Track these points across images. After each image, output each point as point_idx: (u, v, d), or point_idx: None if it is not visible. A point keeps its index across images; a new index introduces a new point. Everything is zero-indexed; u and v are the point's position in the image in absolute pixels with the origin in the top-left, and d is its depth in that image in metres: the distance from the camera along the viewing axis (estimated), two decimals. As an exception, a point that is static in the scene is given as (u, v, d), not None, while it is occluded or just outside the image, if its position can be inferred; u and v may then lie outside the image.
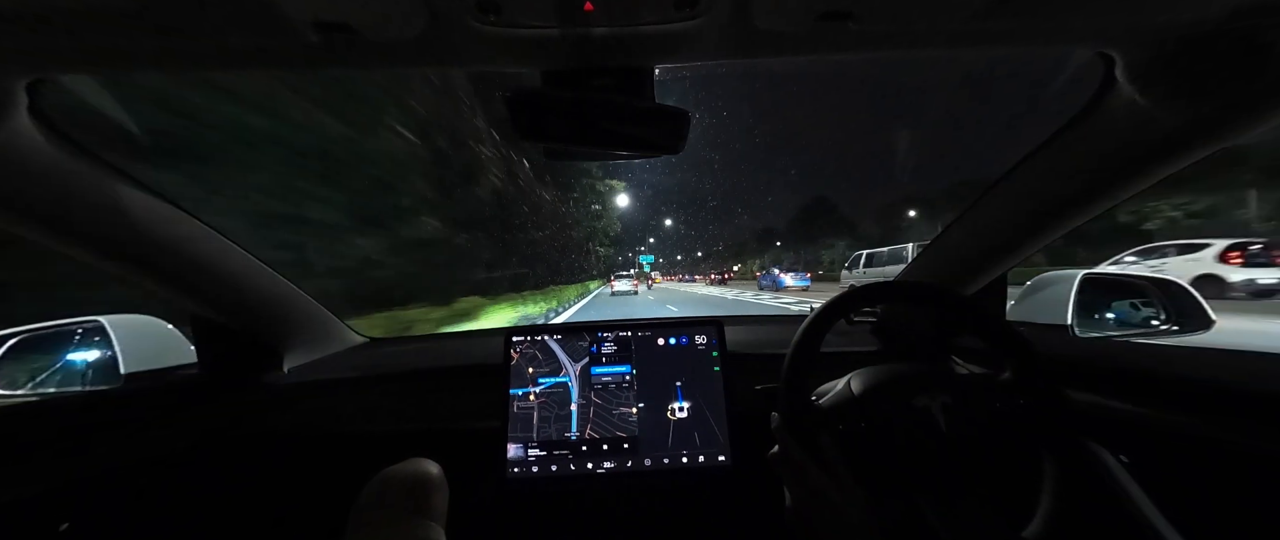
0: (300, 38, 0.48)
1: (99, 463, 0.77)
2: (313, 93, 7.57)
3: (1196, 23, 0.50)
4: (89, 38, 0.48)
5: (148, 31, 0.47)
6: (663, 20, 0.48)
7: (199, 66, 0.55)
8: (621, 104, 0.57)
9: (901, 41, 0.54)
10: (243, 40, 0.49)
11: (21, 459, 0.70)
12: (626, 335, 0.96)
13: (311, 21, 0.46)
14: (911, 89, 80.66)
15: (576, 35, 0.51)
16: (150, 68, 0.55)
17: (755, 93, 76.20)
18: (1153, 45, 0.54)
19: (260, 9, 0.45)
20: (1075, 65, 0.66)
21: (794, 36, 0.52)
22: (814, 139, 75.65)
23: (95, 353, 1.11)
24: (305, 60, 0.55)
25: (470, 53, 0.53)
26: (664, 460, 0.88)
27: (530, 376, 0.93)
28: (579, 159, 0.70)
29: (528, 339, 0.96)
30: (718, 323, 0.97)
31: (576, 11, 0.47)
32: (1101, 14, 0.50)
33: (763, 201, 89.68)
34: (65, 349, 1.14)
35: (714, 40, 0.53)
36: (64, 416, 0.80)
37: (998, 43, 0.54)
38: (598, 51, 0.54)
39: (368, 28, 0.48)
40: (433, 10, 0.46)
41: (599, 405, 0.92)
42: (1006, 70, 51.65)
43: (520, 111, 0.55)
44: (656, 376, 0.93)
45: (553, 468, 0.88)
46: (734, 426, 0.89)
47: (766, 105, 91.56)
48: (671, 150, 0.60)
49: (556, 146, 0.62)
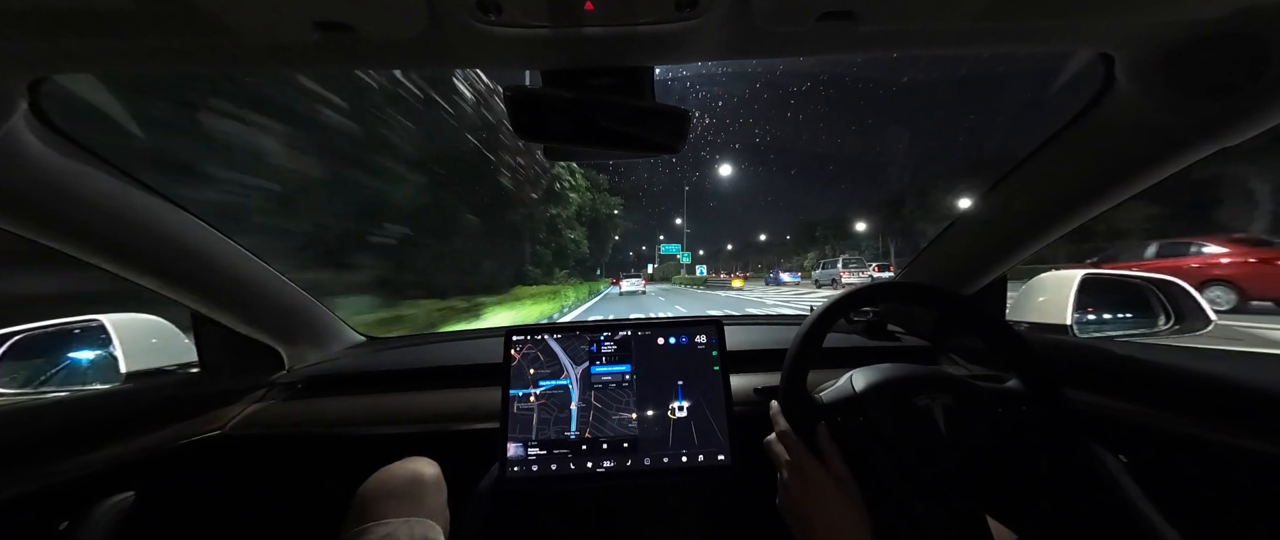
0: (300, 37, 0.48)
1: (98, 462, 0.77)
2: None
3: (1196, 23, 0.50)
4: (89, 37, 0.48)
5: (148, 30, 0.47)
6: (663, 20, 0.48)
7: (199, 65, 0.55)
8: (621, 104, 0.57)
9: (902, 41, 0.54)
10: (243, 39, 0.49)
11: (21, 458, 0.70)
12: (627, 335, 0.96)
13: (312, 21, 0.46)
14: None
15: (576, 35, 0.51)
16: (150, 66, 0.55)
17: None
18: (1153, 45, 0.54)
19: (260, 8, 0.45)
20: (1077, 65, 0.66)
21: (795, 36, 0.52)
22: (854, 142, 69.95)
23: (96, 352, 1.11)
24: (305, 59, 0.55)
25: (470, 52, 0.53)
26: (664, 460, 0.88)
27: (531, 378, 0.93)
28: (579, 159, 0.70)
29: (528, 339, 0.96)
30: (718, 323, 0.97)
31: (577, 11, 0.47)
32: (1102, 14, 0.50)
33: (804, 199, 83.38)
34: (66, 348, 1.14)
35: (714, 40, 0.53)
36: (64, 416, 0.80)
37: (998, 43, 0.54)
38: (598, 51, 0.54)
39: (368, 27, 0.48)
40: (433, 10, 0.46)
41: (599, 405, 0.92)
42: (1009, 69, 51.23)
43: (520, 111, 0.55)
44: (657, 376, 0.94)
45: (552, 467, 0.88)
46: (734, 426, 0.89)
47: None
48: (671, 150, 0.60)
49: (556, 146, 0.62)
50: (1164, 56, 0.54)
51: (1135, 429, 0.72)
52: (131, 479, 0.82)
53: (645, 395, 0.92)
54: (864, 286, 0.74)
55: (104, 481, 0.78)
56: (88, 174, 0.68)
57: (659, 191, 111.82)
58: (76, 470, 0.74)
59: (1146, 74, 0.57)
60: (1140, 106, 0.60)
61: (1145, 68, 0.56)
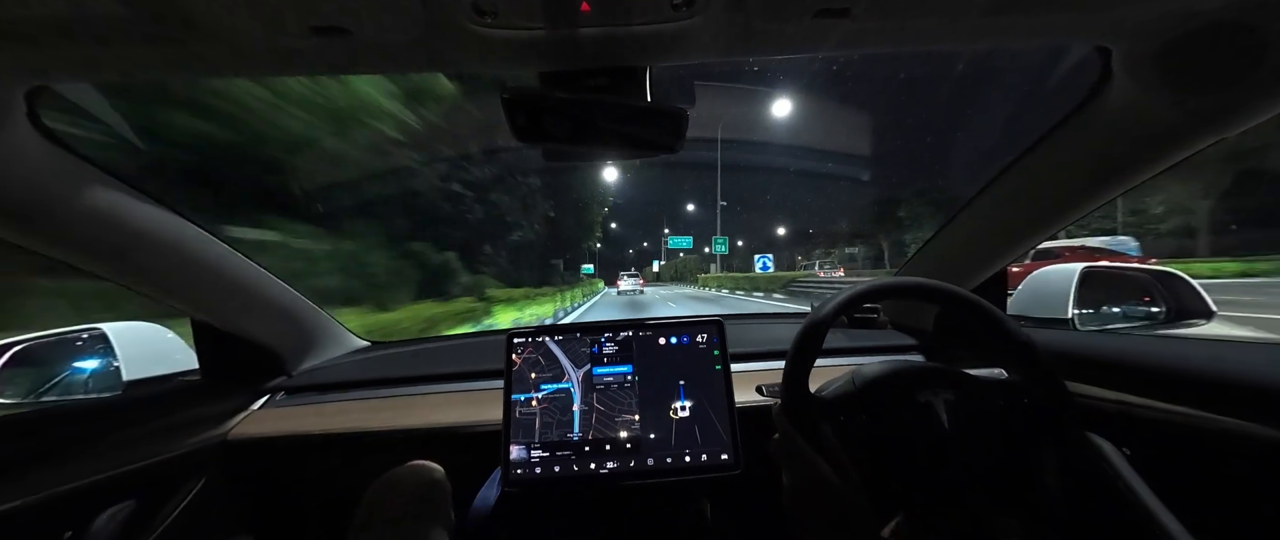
0: (297, 42, 0.48)
1: (101, 471, 0.77)
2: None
3: (1193, 15, 0.50)
4: (86, 45, 0.48)
5: (145, 38, 0.47)
6: (659, 19, 0.48)
7: (196, 71, 0.55)
8: (619, 104, 0.57)
9: (898, 37, 0.54)
10: (239, 45, 0.49)
11: (24, 468, 0.70)
12: (628, 335, 0.96)
13: (308, 26, 0.46)
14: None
15: (573, 36, 0.50)
16: (148, 73, 0.55)
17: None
18: (1150, 38, 0.54)
19: (256, 13, 0.45)
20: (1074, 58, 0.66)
21: (791, 34, 0.52)
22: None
23: (97, 361, 1.11)
24: (302, 65, 0.55)
25: (467, 55, 0.53)
26: (667, 460, 0.88)
27: (532, 382, 0.93)
28: (577, 159, 0.70)
29: (529, 341, 0.96)
30: (719, 322, 0.97)
31: (573, 12, 0.47)
32: (1098, 8, 0.49)
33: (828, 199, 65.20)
34: (67, 357, 1.14)
35: (711, 38, 0.53)
36: (66, 425, 0.80)
37: (995, 37, 0.54)
38: (594, 52, 0.54)
39: (364, 31, 0.48)
40: (429, 13, 0.46)
41: (601, 407, 0.92)
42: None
43: (517, 113, 0.55)
44: (658, 376, 0.93)
45: (555, 469, 0.88)
46: (737, 425, 0.89)
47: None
48: (669, 149, 0.60)
49: (554, 147, 0.62)
50: (1161, 48, 0.54)
51: (1138, 421, 0.72)
52: (134, 487, 0.82)
53: (647, 396, 0.92)
54: (867, 285, 0.74)
55: (107, 490, 0.78)
56: (86, 182, 0.68)
57: (659, 168, 75.08)
58: (79, 479, 0.74)
59: (1144, 66, 0.57)
60: (1138, 99, 0.60)
61: (1143, 60, 0.56)
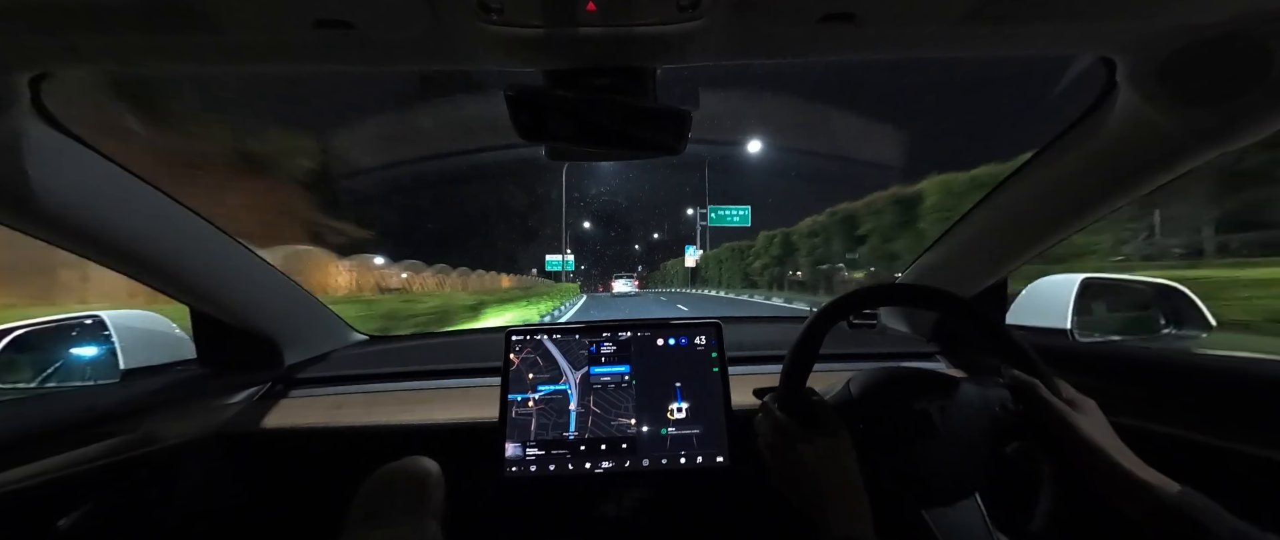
0: (301, 35, 0.48)
1: (97, 459, 0.77)
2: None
3: (1198, 28, 0.50)
4: (91, 33, 0.48)
5: (149, 27, 0.47)
6: (664, 21, 0.48)
7: (200, 62, 0.55)
8: (623, 104, 0.57)
9: (903, 44, 0.54)
10: (243, 36, 0.49)
11: (20, 455, 0.70)
12: (626, 336, 0.96)
13: (313, 19, 0.46)
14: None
15: (578, 35, 0.50)
16: (152, 63, 0.55)
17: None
18: (1155, 51, 0.54)
19: (262, 5, 0.45)
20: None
21: (795, 38, 0.52)
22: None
23: (95, 348, 1.11)
24: (306, 57, 0.55)
25: (472, 52, 0.53)
26: (662, 461, 0.88)
27: (530, 382, 0.93)
28: (580, 159, 0.70)
29: (527, 339, 0.96)
30: (717, 324, 0.97)
31: (578, 11, 0.47)
32: (1103, 19, 0.50)
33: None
34: (66, 344, 1.14)
35: (715, 41, 0.53)
36: (63, 412, 0.80)
37: (999, 46, 0.54)
38: (599, 51, 0.54)
39: (369, 26, 0.48)
40: (434, 9, 0.46)
41: (598, 407, 0.92)
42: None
43: (521, 111, 0.55)
44: (655, 377, 0.93)
45: (551, 467, 0.88)
46: (732, 428, 0.89)
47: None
48: (672, 151, 0.60)
49: (558, 146, 0.62)
50: (1166, 61, 0.54)
51: (1134, 432, 0.72)
52: (130, 476, 0.82)
53: (644, 396, 0.92)
54: (865, 288, 0.74)
55: (103, 478, 0.78)
56: (89, 170, 0.68)
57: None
58: (75, 467, 0.74)
59: (1148, 78, 0.57)
60: (1142, 110, 0.60)
61: (1147, 72, 0.56)
